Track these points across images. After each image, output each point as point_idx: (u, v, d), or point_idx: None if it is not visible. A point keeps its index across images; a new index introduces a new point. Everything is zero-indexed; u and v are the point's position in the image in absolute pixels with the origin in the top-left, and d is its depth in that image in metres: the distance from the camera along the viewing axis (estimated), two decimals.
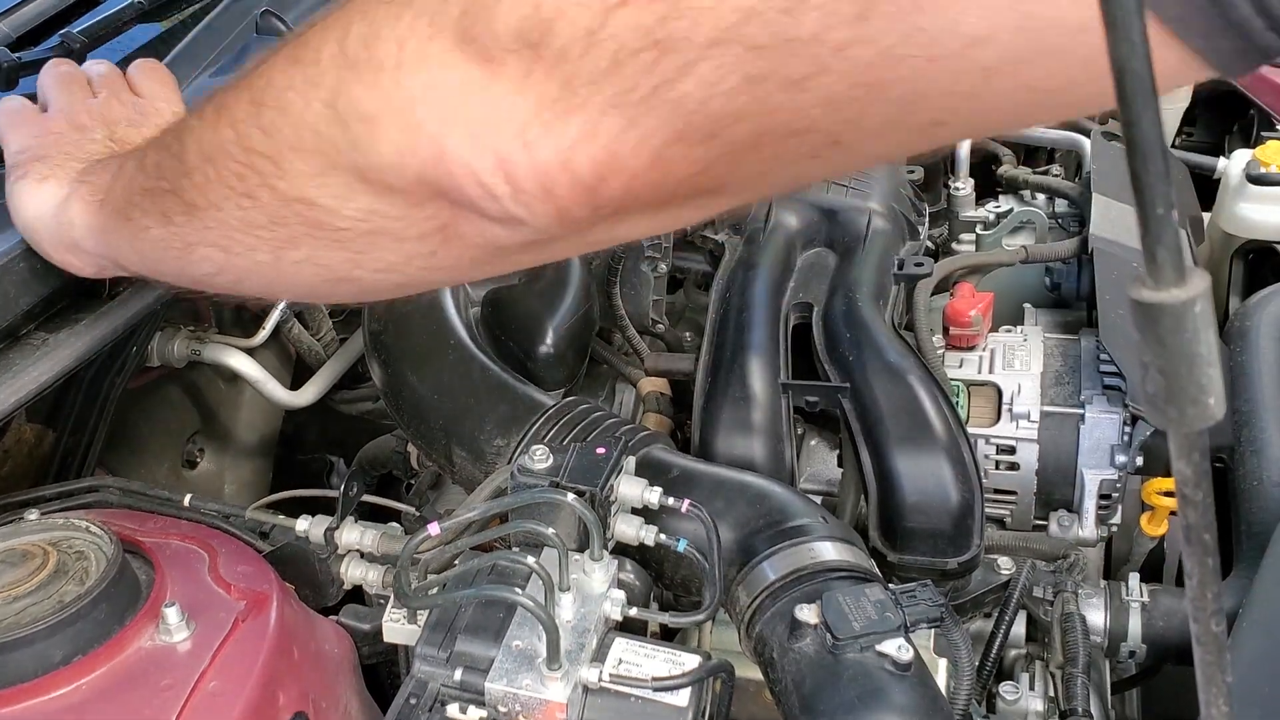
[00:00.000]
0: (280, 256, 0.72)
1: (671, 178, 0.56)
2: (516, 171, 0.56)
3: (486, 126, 0.56)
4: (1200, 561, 0.36)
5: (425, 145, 0.58)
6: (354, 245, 0.68)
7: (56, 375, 0.92)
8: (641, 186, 0.56)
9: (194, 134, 0.73)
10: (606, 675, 0.78)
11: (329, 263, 0.71)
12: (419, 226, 0.65)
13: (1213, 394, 0.33)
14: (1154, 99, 0.30)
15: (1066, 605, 1.14)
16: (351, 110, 0.61)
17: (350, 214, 0.66)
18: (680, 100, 0.52)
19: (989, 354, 1.34)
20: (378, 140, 0.60)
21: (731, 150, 0.54)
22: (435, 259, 0.67)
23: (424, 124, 0.58)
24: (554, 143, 0.55)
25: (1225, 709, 0.40)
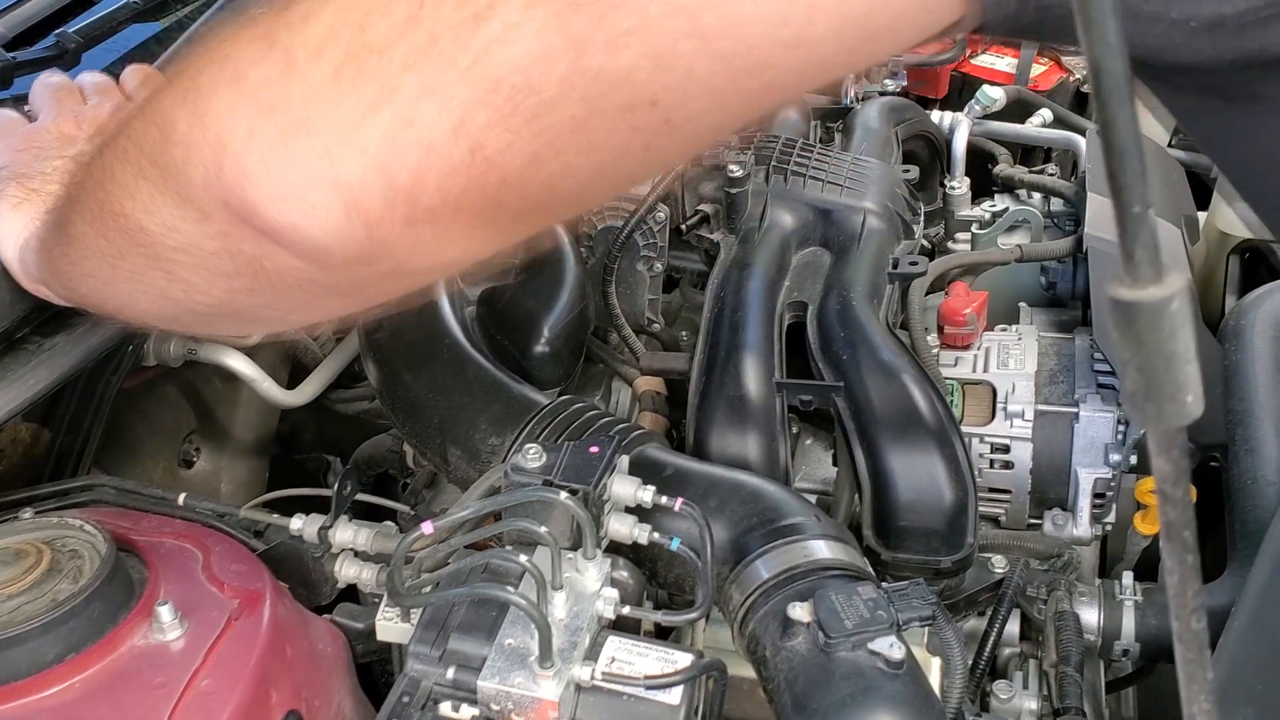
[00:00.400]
0: (119, 276, 0.71)
1: (494, 172, 0.52)
2: (317, 186, 0.53)
3: (283, 143, 0.53)
4: (1180, 558, 0.36)
5: (229, 166, 0.56)
6: (167, 266, 0.66)
7: (53, 382, 0.92)
8: (463, 186, 0.52)
9: (82, 171, 0.72)
10: (599, 673, 0.78)
11: (157, 285, 0.69)
12: (231, 261, 0.61)
13: (1191, 391, 0.33)
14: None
15: (1060, 604, 1.14)
16: (172, 133, 0.59)
17: (173, 243, 0.63)
18: (500, 73, 0.50)
19: (983, 353, 1.34)
20: (191, 163, 0.58)
21: (557, 134, 0.52)
22: (234, 282, 0.63)
23: (227, 143, 0.55)
24: (361, 144, 0.52)
25: (1207, 706, 0.40)
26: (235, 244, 0.60)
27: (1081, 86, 2.09)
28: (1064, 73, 2.08)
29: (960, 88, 2.05)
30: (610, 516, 0.90)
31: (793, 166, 1.40)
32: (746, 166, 1.35)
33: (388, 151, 0.52)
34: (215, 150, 0.56)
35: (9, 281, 0.89)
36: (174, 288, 0.68)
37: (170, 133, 0.59)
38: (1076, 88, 2.08)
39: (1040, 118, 1.85)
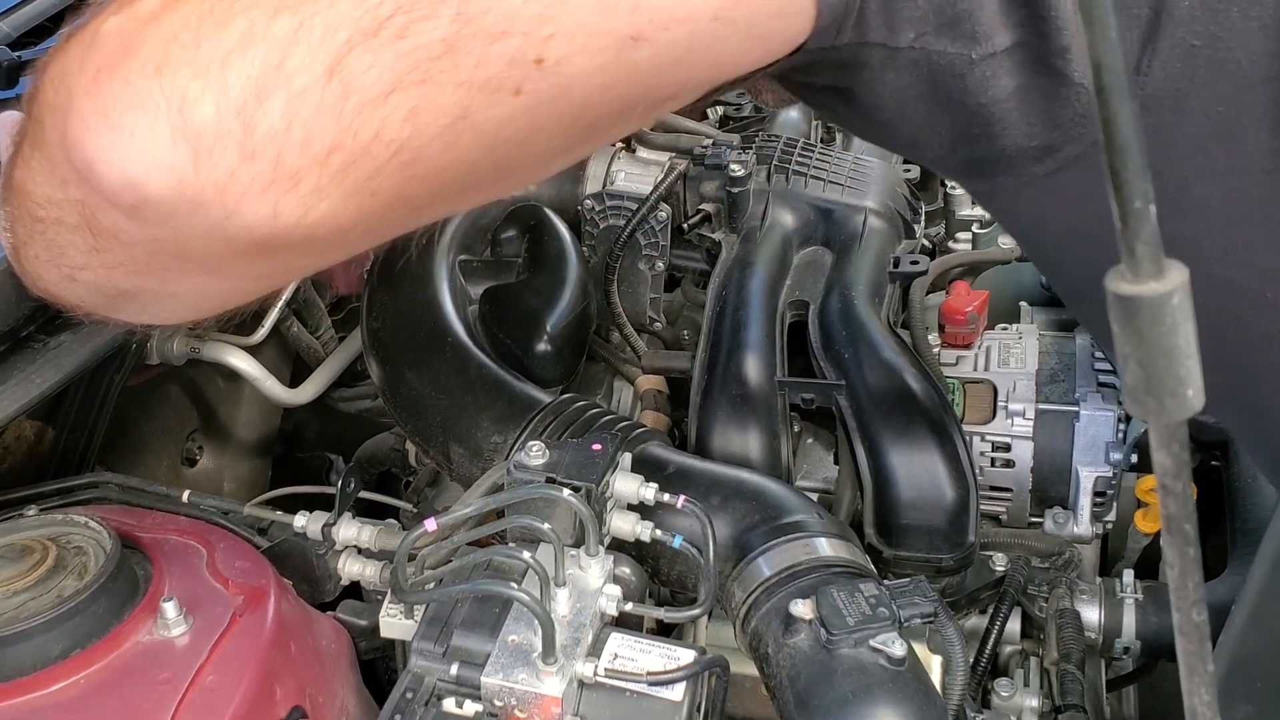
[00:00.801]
0: (29, 255, 0.67)
1: (352, 99, 0.48)
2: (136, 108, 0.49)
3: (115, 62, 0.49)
4: (1181, 552, 0.37)
5: (62, 101, 0.52)
6: (51, 240, 0.62)
7: (59, 381, 0.92)
8: (313, 111, 0.48)
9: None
10: (602, 670, 0.78)
11: (62, 272, 0.65)
12: (71, 213, 0.57)
13: (1191, 386, 0.34)
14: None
15: (1061, 601, 1.14)
16: (40, 91, 0.56)
17: (51, 216, 0.60)
18: None
19: (984, 352, 1.34)
20: (38, 109, 0.55)
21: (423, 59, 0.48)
22: (103, 257, 0.59)
23: (64, 76, 0.52)
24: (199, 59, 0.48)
25: (1208, 698, 0.40)
26: (89, 210, 0.56)
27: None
28: None
29: None
30: (613, 514, 0.90)
31: (794, 166, 1.40)
32: (748, 166, 1.36)
33: (228, 72, 0.47)
34: (65, 106, 0.51)
35: (13, 280, 0.89)
36: (64, 266, 0.63)
37: (39, 96, 0.56)
38: None
39: None
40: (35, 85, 0.58)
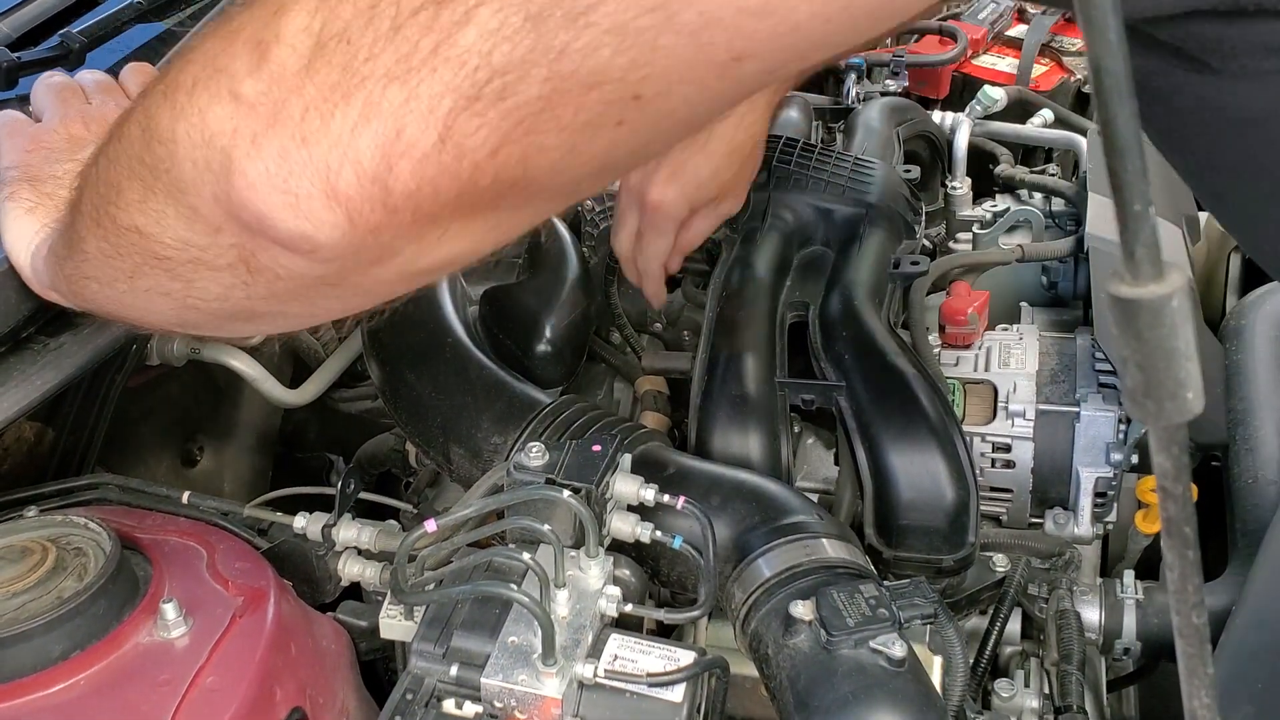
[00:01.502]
0: (133, 286, 0.72)
1: (465, 158, 0.53)
2: (295, 173, 0.54)
3: (266, 131, 0.54)
4: (1181, 554, 0.37)
5: (216, 160, 0.57)
6: (181, 275, 0.67)
7: (60, 383, 0.92)
8: (435, 172, 0.53)
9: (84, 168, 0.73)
10: (602, 671, 0.78)
11: (169, 291, 0.70)
12: (225, 255, 0.63)
13: (1191, 388, 0.34)
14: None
15: (1061, 602, 1.14)
16: (155, 132, 0.60)
17: (170, 241, 0.64)
18: (463, 56, 0.50)
19: (985, 352, 1.34)
20: (179, 159, 0.59)
21: (525, 115, 0.52)
22: (251, 289, 0.65)
23: (214, 139, 0.56)
24: (334, 131, 0.52)
25: (1208, 700, 0.40)
26: (247, 253, 0.61)
27: (1083, 87, 2.09)
28: (1065, 73, 2.08)
29: (961, 88, 2.05)
30: (613, 515, 0.90)
31: (795, 166, 1.40)
32: None
33: (360, 139, 0.52)
34: (214, 160, 0.57)
35: (15, 281, 0.89)
36: (191, 297, 0.69)
37: (163, 140, 0.60)
38: (1077, 88, 2.08)
39: (1041, 118, 1.85)
40: (142, 129, 0.61)
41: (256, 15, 0.55)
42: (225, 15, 0.59)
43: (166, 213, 0.63)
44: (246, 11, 0.57)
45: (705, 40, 0.50)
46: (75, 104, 0.98)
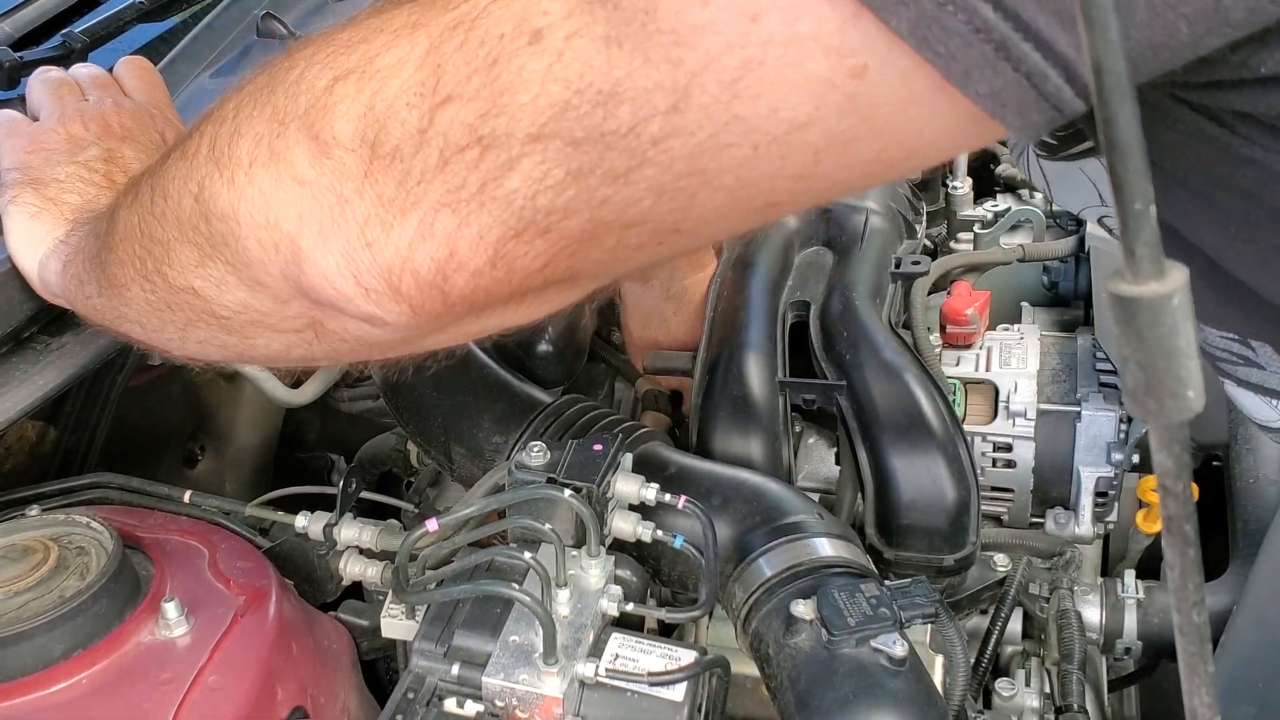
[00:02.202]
0: (184, 336, 0.74)
1: (516, 273, 0.56)
2: (363, 271, 0.57)
3: (332, 226, 0.57)
4: (1181, 553, 0.37)
5: (284, 244, 0.59)
6: (240, 332, 0.70)
7: (62, 382, 0.92)
8: (487, 283, 0.57)
9: (119, 212, 0.74)
10: (603, 670, 0.78)
11: (225, 344, 0.73)
12: (290, 322, 0.66)
13: (1192, 387, 0.34)
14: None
15: (1062, 602, 1.14)
16: (213, 206, 0.62)
17: (229, 304, 0.67)
18: (509, 196, 0.52)
19: (986, 352, 1.34)
20: (242, 238, 0.61)
21: (569, 243, 0.55)
22: (314, 348, 0.68)
23: (280, 223, 0.59)
24: (394, 242, 0.56)
25: (1208, 699, 0.40)
26: (315, 320, 0.65)
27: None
28: None
29: None
30: (614, 514, 0.90)
31: None
32: None
33: (417, 253, 0.56)
34: (281, 243, 0.59)
35: (18, 281, 0.89)
36: (249, 351, 0.72)
37: (222, 217, 0.62)
38: None
39: None
40: (196, 199, 0.63)
41: (301, 102, 0.57)
42: (261, 87, 0.61)
43: (228, 281, 0.65)
44: (284, 93, 0.59)
45: (742, 196, 0.52)
46: (72, 101, 0.98)
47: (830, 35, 0.45)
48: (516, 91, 0.50)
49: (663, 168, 0.50)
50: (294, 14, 1.26)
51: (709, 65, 0.47)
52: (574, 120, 0.49)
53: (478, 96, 0.51)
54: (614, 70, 0.48)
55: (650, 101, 0.48)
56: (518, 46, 0.50)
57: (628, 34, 0.47)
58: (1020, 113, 0.45)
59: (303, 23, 1.25)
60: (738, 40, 0.46)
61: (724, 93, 0.47)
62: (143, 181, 0.71)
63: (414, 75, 0.53)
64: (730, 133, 0.48)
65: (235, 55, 1.21)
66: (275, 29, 1.21)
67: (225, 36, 1.24)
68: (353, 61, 0.56)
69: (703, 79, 0.47)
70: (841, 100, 0.47)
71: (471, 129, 0.51)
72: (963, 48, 0.43)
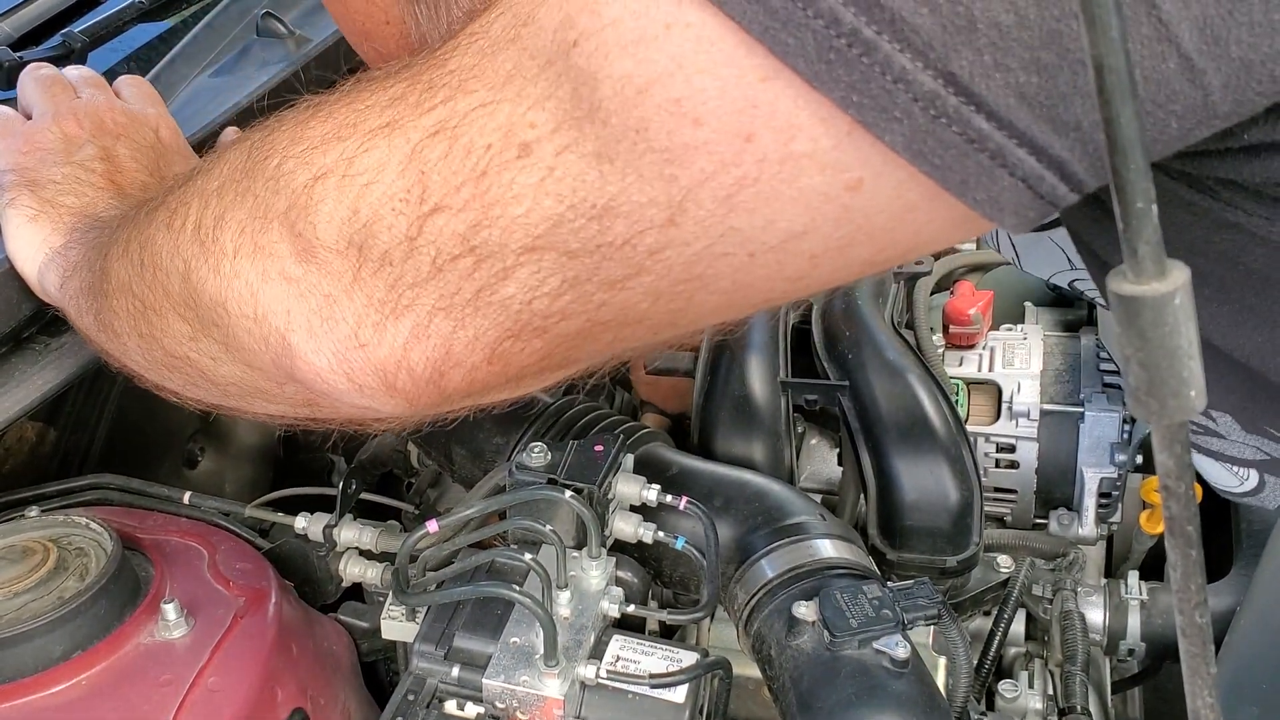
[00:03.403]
0: (184, 393, 0.75)
1: (512, 367, 0.57)
2: (356, 370, 0.57)
3: (322, 325, 0.57)
4: (1184, 553, 0.37)
5: (274, 338, 0.59)
6: (238, 399, 0.71)
7: (61, 383, 0.92)
8: (484, 376, 0.57)
9: (112, 262, 0.74)
10: (604, 672, 0.78)
11: (223, 406, 0.74)
12: (289, 398, 0.66)
13: (1194, 387, 0.33)
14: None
15: (1065, 603, 1.14)
16: (201, 291, 0.62)
17: (225, 376, 0.67)
18: (505, 302, 0.52)
19: (989, 352, 1.34)
20: (232, 326, 0.61)
21: (566, 340, 0.55)
22: (316, 413, 0.69)
23: (268, 317, 0.59)
24: (387, 342, 0.56)
25: (1211, 700, 0.40)
26: (312, 399, 0.65)
27: None
28: None
29: None
30: (615, 515, 0.90)
31: None
32: None
33: (412, 353, 0.56)
34: (270, 336, 0.60)
35: (17, 281, 0.89)
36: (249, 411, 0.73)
37: (210, 304, 0.62)
38: None
39: None
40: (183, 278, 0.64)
41: (282, 199, 0.57)
42: (240, 172, 0.60)
43: (222, 358, 0.66)
44: (264, 185, 0.58)
45: (739, 297, 0.53)
46: (65, 99, 0.97)
47: (825, 153, 0.45)
48: (508, 205, 0.50)
49: (659, 275, 0.50)
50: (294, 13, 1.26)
51: (704, 183, 0.46)
52: (569, 233, 0.49)
53: (468, 208, 0.50)
54: (607, 186, 0.48)
55: (645, 216, 0.48)
56: (507, 159, 0.49)
57: (619, 151, 0.47)
58: (1017, 213, 0.45)
59: (302, 22, 1.25)
60: (732, 159, 0.46)
61: (719, 207, 0.47)
62: (131, 238, 0.70)
63: (397, 181, 0.52)
64: (727, 243, 0.48)
65: (235, 55, 1.21)
66: (275, 28, 1.21)
67: (225, 36, 1.23)
68: (330, 161, 0.55)
69: (698, 195, 0.47)
70: (838, 212, 0.47)
71: (463, 239, 0.51)
72: (959, 159, 0.43)
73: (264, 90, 1.11)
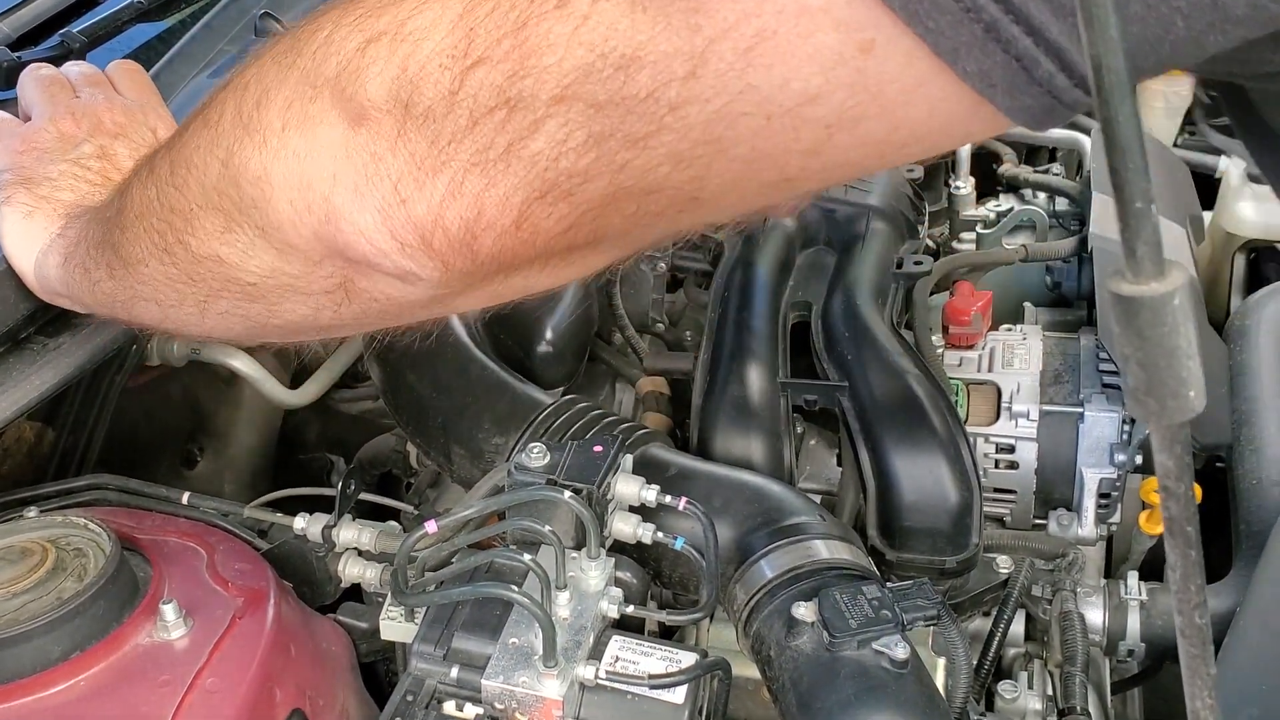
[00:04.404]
0: (205, 310, 0.74)
1: (540, 235, 0.58)
2: (398, 227, 0.58)
3: (367, 184, 0.58)
4: (1183, 554, 0.36)
5: (317, 204, 0.60)
6: (265, 299, 0.70)
7: (59, 382, 0.92)
8: (513, 244, 0.58)
9: (130, 191, 0.75)
10: (603, 672, 0.78)
11: (248, 314, 0.73)
12: (321, 283, 0.66)
13: (1193, 387, 0.33)
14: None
15: (1065, 604, 1.14)
16: (244, 171, 0.63)
17: (256, 270, 0.68)
18: (533, 158, 0.54)
19: (988, 353, 1.34)
20: (273, 200, 0.62)
21: (591, 208, 0.56)
22: (342, 311, 0.69)
23: (314, 184, 0.60)
24: (425, 199, 0.57)
25: (1210, 700, 0.40)
26: (346, 280, 0.65)
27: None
28: None
29: None
30: (614, 516, 0.90)
31: None
32: None
33: (447, 211, 0.57)
34: (315, 203, 0.61)
35: (14, 281, 0.89)
36: (274, 319, 0.73)
37: (252, 180, 0.63)
38: None
39: None
40: (223, 164, 0.64)
41: (331, 65, 0.59)
42: (284, 51, 0.62)
43: (256, 245, 0.66)
44: (312, 56, 0.60)
45: (758, 167, 0.53)
46: (64, 99, 0.98)
47: (839, 8, 0.46)
48: (543, 54, 0.51)
49: (680, 134, 0.51)
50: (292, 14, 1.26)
51: (725, 33, 0.48)
52: (596, 83, 0.51)
53: (507, 59, 0.52)
54: (636, 35, 0.49)
55: (669, 67, 0.49)
56: (546, 9, 0.51)
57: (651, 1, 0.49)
58: (1010, 95, 0.45)
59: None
60: (753, 9, 0.47)
61: (738, 61, 0.48)
62: (158, 157, 0.72)
63: (446, 39, 0.54)
64: (744, 102, 0.49)
65: (234, 55, 1.21)
66: (274, 28, 1.21)
67: (224, 36, 1.23)
68: (383, 24, 0.57)
69: (719, 46, 0.48)
70: (851, 75, 0.48)
71: (500, 90, 0.53)
72: (952, 25, 0.44)
73: None
